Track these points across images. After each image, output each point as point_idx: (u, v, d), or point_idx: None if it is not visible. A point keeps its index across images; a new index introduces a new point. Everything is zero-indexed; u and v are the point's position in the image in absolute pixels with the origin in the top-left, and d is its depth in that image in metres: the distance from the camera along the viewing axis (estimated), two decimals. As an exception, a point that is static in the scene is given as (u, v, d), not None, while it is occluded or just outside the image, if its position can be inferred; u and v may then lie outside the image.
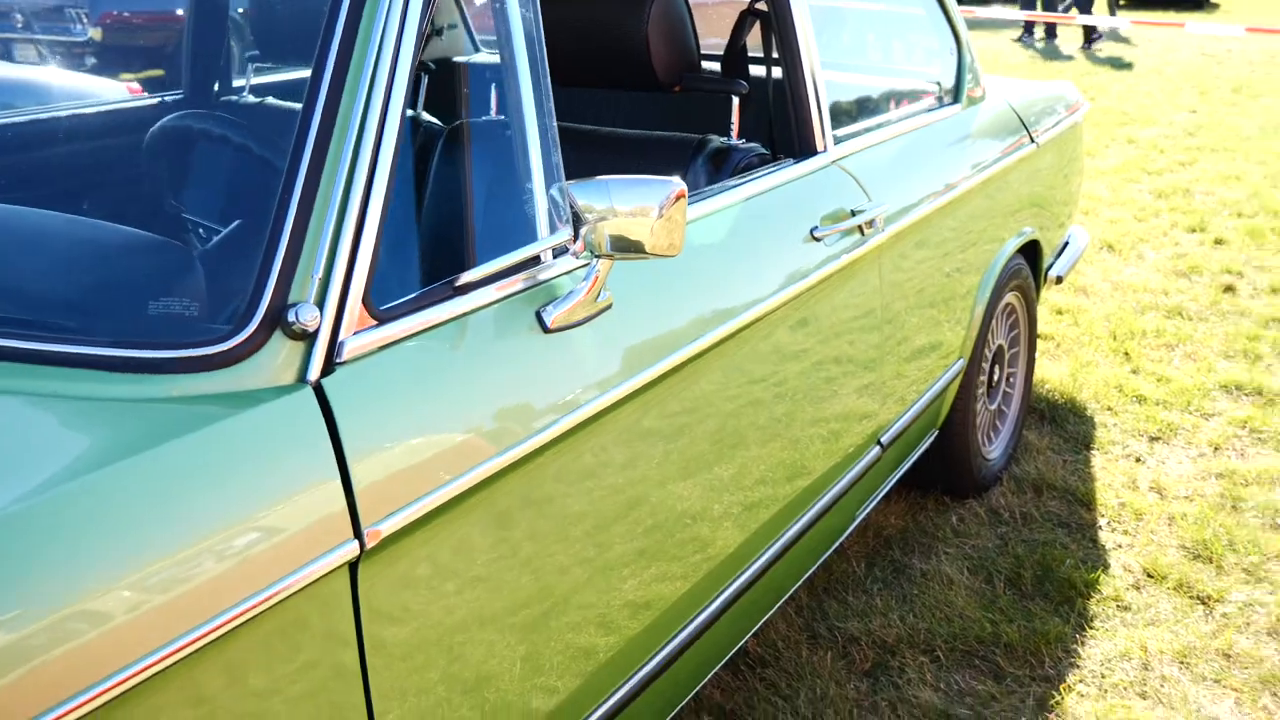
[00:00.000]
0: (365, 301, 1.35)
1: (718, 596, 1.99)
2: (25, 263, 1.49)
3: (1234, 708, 2.50)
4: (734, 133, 2.48)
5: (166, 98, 2.23)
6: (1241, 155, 8.10)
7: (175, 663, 1.09)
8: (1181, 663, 2.65)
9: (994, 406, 3.45)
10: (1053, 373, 4.21)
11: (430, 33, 1.57)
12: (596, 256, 1.57)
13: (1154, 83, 11.21)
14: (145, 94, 2.25)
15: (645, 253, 1.53)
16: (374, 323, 1.37)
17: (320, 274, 1.30)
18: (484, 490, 1.42)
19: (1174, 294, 5.16)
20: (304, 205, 1.30)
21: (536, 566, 1.53)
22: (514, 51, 1.58)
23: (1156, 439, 3.76)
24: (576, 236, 1.52)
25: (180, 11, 2.33)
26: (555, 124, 1.60)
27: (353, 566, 1.27)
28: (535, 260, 1.60)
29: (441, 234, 1.58)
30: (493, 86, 1.91)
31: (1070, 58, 12.81)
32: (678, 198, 1.53)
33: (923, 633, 2.73)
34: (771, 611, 2.31)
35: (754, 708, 2.47)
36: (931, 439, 3.10)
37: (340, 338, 1.32)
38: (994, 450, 3.45)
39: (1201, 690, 2.55)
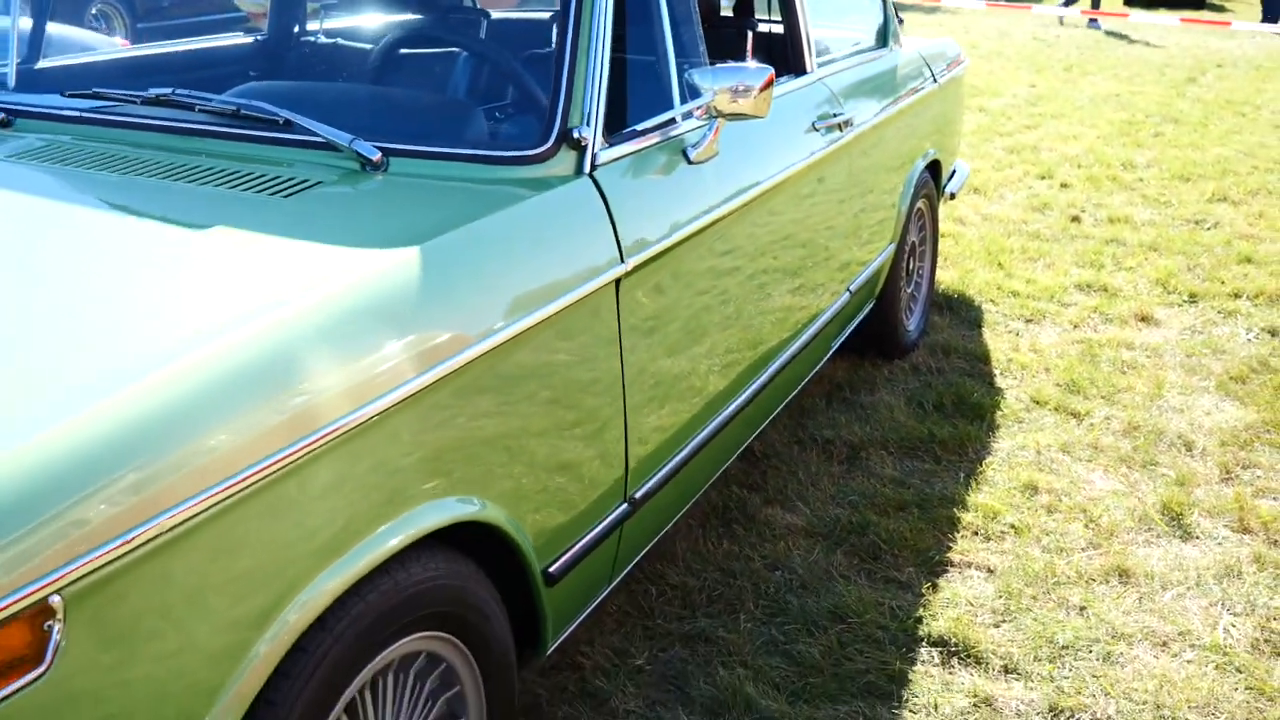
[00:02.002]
0: (604, 131, 2.20)
1: (763, 373, 2.89)
2: (429, 104, 2.32)
3: (1102, 474, 3.51)
4: (748, 57, 3.37)
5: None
6: (1077, 120, 9.33)
7: (528, 329, 1.88)
8: (1063, 450, 3.65)
9: (910, 290, 4.43)
10: (945, 277, 5.23)
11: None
12: (713, 118, 2.45)
13: (995, 63, 12.48)
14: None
15: (748, 116, 2.41)
16: (606, 144, 2.22)
17: (586, 111, 2.15)
18: (673, 249, 2.29)
19: (1032, 223, 6.26)
20: (572, 70, 2.14)
21: (697, 306, 2.41)
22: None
23: (1030, 320, 4.80)
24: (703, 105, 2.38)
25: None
26: (696, 30, 2.47)
27: (618, 282, 2.13)
28: (672, 123, 2.46)
29: (633, 96, 2.42)
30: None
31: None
32: (770, 81, 2.41)
33: (878, 437, 3.69)
34: (782, 405, 3.22)
35: (767, 480, 3.38)
36: (870, 308, 4.05)
37: (595, 150, 2.17)
38: (912, 323, 4.43)
39: (1078, 465, 3.56)
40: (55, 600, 1.16)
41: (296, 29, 3.24)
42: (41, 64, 2.87)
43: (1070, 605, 2.82)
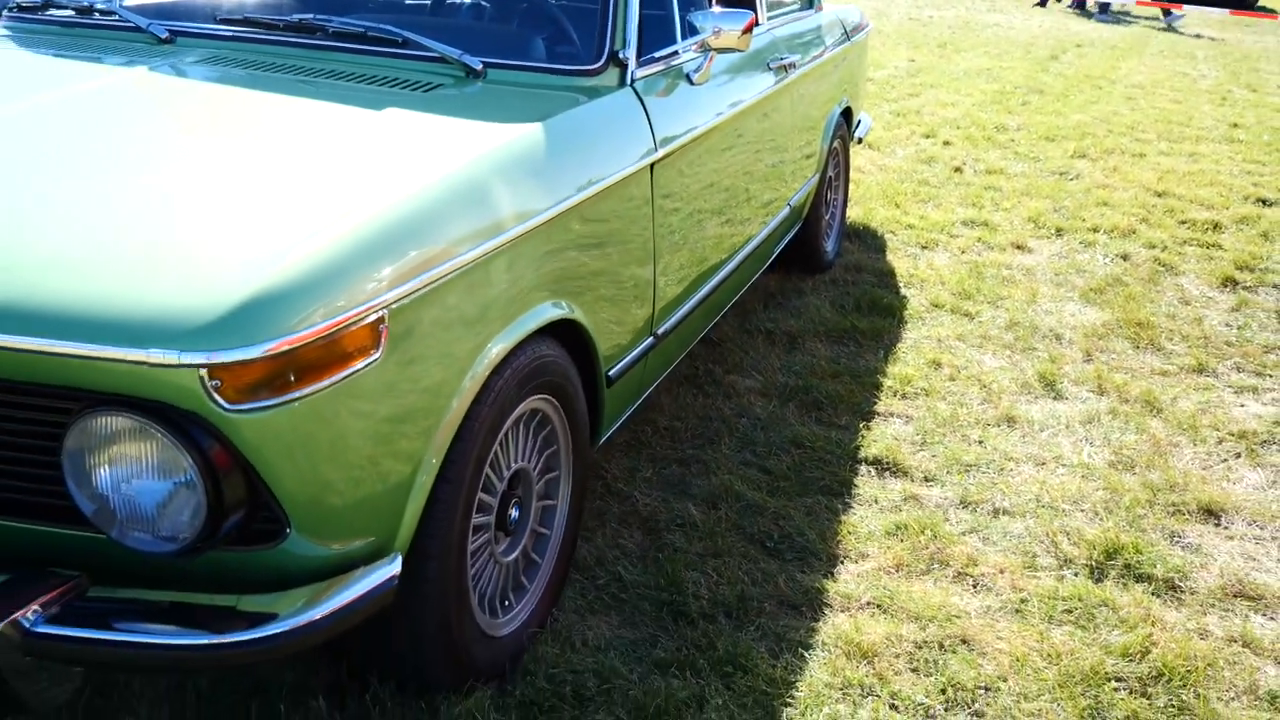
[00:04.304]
0: (636, 56, 2.92)
1: (740, 251, 3.64)
2: (509, 27, 3.00)
3: (990, 356, 4.35)
4: (710, 4, 4.11)
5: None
6: (953, 90, 10.29)
7: (595, 193, 2.58)
8: (959, 339, 4.49)
9: (827, 217, 5.23)
10: (851, 214, 6.05)
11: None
12: (708, 51, 3.19)
13: (876, 39, 13.41)
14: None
15: (734, 50, 3.16)
16: (637, 65, 2.94)
17: (626, 38, 2.86)
18: (686, 145, 3.02)
19: (921, 172, 7.13)
20: (618, 6, 2.85)
21: (706, 182, 3.15)
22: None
23: (925, 247, 5.65)
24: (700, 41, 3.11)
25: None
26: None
27: (652, 166, 2.85)
28: (676, 53, 3.19)
29: (648, 32, 3.13)
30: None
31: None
32: (751, 24, 3.15)
33: (810, 329, 4.48)
34: (748, 284, 3.99)
35: (726, 357, 4.14)
36: (797, 228, 4.84)
37: (632, 68, 2.89)
38: (829, 245, 5.24)
39: (971, 349, 4.40)
40: (384, 313, 1.86)
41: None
42: None
43: (971, 440, 3.64)
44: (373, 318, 1.83)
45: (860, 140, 5.65)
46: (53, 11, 3.08)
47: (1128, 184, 7.04)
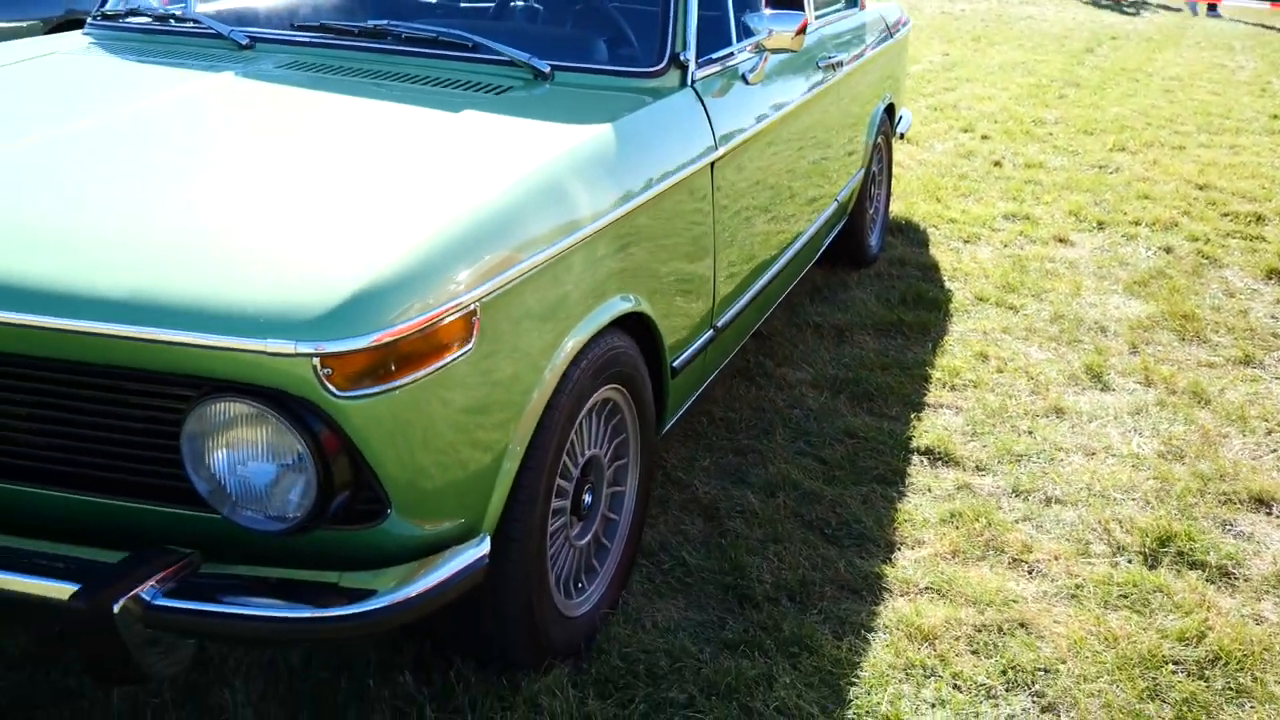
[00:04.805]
0: (696, 58, 3.01)
1: (791, 246, 3.73)
2: (575, 31, 3.10)
3: (1037, 348, 4.41)
4: (763, 6, 4.19)
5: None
6: (989, 84, 10.33)
7: (661, 191, 2.67)
8: (1004, 332, 4.55)
9: (871, 211, 5.30)
10: (892, 209, 6.12)
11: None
12: (762, 51, 3.27)
13: (910, 33, 13.44)
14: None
15: (787, 50, 3.24)
16: (697, 66, 3.02)
17: (686, 40, 2.95)
18: (744, 143, 3.11)
19: (960, 167, 7.19)
20: (679, 10, 2.94)
21: (760, 180, 3.24)
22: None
23: (967, 241, 5.71)
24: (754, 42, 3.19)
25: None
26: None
27: (712, 164, 2.94)
28: (731, 54, 3.27)
29: (705, 34, 3.21)
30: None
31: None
32: (804, 25, 3.23)
33: (857, 322, 4.56)
34: (797, 280, 4.07)
35: (776, 350, 4.23)
36: (843, 223, 4.91)
37: (693, 69, 2.98)
38: (873, 239, 5.31)
39: (1017, 342, 4.46)
40: (476, 306, 1.96)
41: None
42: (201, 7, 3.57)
43: (1021, 430, 3.72)
44: (466, 311, 1.93)
45: (902, 136, 5.72)
46: (134, 19, 3.19)
47: (1168, 177, 7.07)
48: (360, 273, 1.81)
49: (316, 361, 1.74)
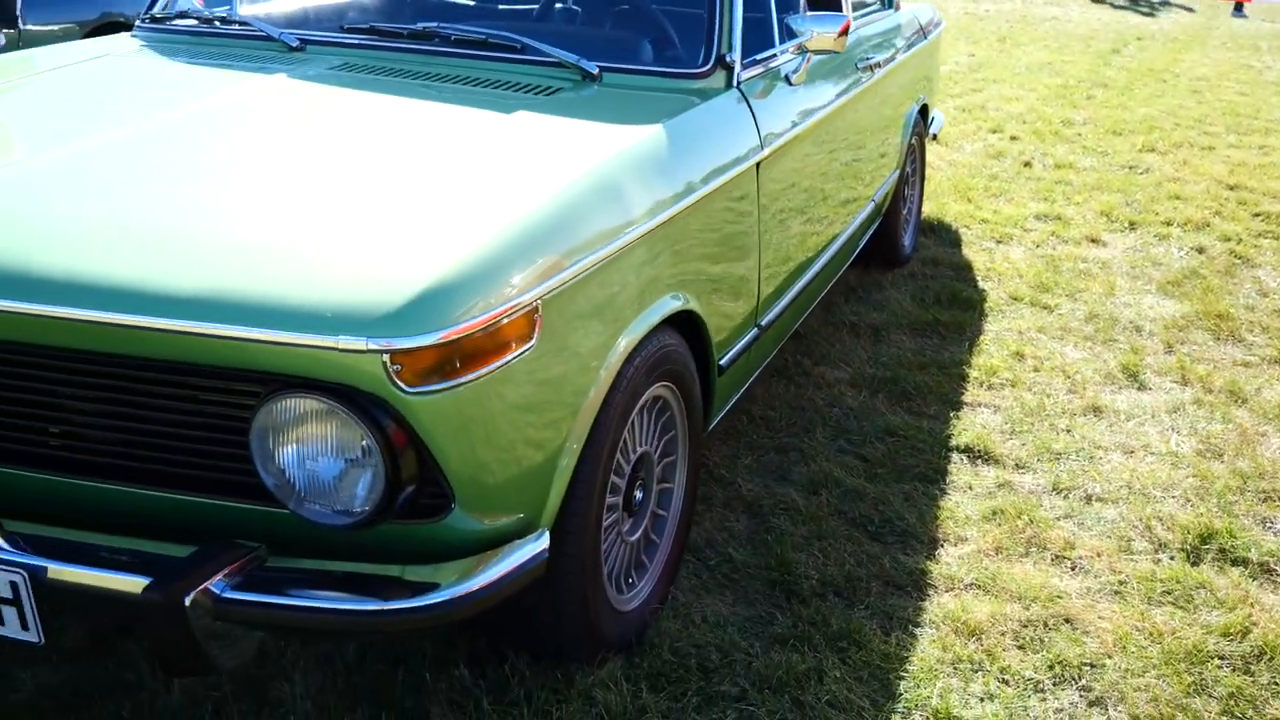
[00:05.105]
0: (741, 59, 3.03)
1: (832, 245, 3.75)
2: (621, 33, 3.13)
3: (1072, 347, 4.42)
4: (803, 7, 4.21)
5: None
6: (1016, 84, 10.32)
7: (710, 192, 2.69)
8: (1039, 331, 4.57)
9: (904, 212, 5.32)
10: (925, 209, 6.13)
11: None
12: (804, 52, 3.30)
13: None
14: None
15: (830, 51, 3.26)
16: (742, 67, 3.05)
17: (732, 42, 2.98)
18: (788, 144, 3.13)
19: (990, 167, 7.19)
20: (724, 12, 2.97)
21: (801, 180, 3.26)
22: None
23: (1000, 241, 5.72)
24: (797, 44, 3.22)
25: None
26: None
27: (758, 165, 2.97)
28: (774, 56, 3.30)
29: (749, 36, 3.24)
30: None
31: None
32: (847, 26, 3.25)
33: (893, 321, 4.57)
34: (835, 278, 4.10)
35: (813, 349, 4.25)
36: (878, 223, 4.93)
37: (738, 70, 3.01)
38: (906, 239, 5.33)
39: (1053, 341, 4.47)
40: (538, 304, 1.99)
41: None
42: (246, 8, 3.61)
43: (1059, 428, 3.73)
44: (528, 309, 1.96)
45: (934, 137, 5.73)
46: (182, 21, 3.23)
47: (1198, 177, 7.06)
48: (429, 271, 1.84)
49: (387, 358, 1.77)
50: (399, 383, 1.79)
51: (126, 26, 6.95)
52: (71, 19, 6.83)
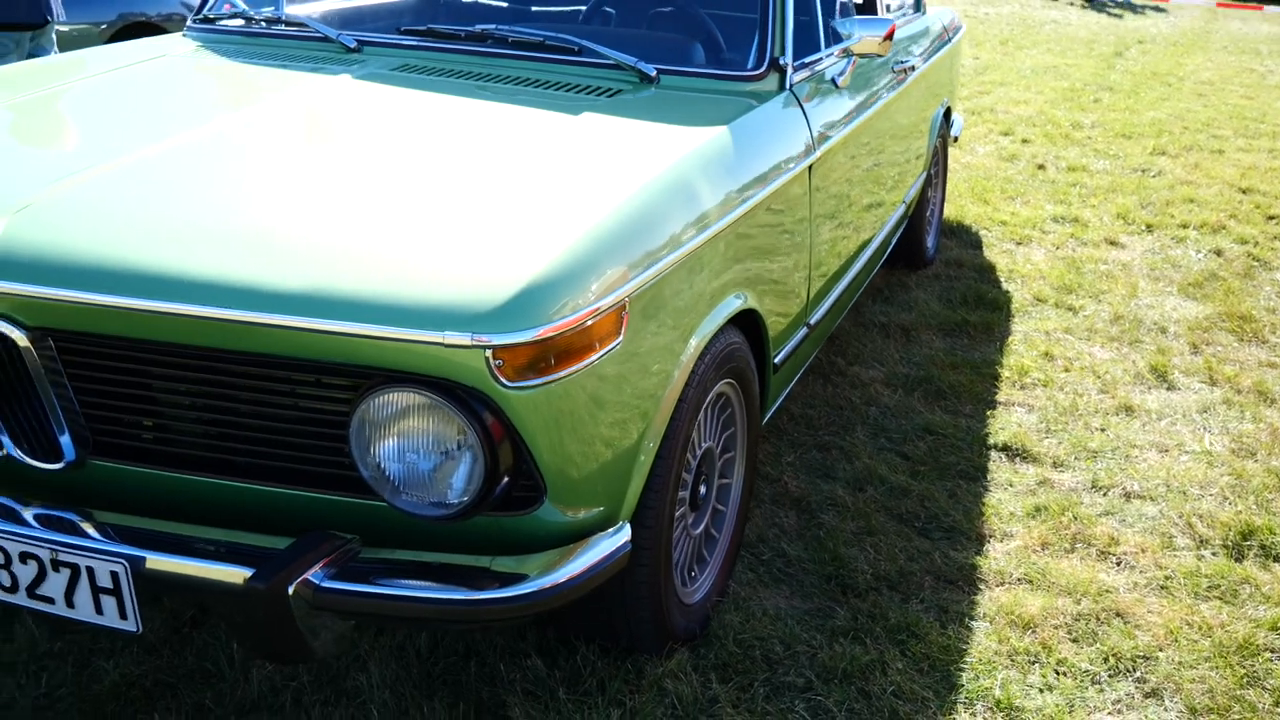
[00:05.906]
0: (791, 61, 3.08)
1: (871, 243, 3.80)
2: (677, 37, 3.18)
3: (1100, 348, 4.48)
4: (847, 11, 4.26)
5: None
6: (1023, 88, 10.38)
7: (769, 194, 2.75)
8: (1066, 332, 4.62)
9: (928, 214, 5.37)
10: (945, 211, 6.18)
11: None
12: (850, 57, 3.35)
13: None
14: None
15: (875, 55, 3.31)
16: (793, 70, 3.10)
17: (785, 45, 3.03)
18: (837, 145, 3.18)
19: (1005, 170, 7.25)
20: (778, 16, 3.02)
21: (845, 181, 3.31)
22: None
23: (1020, 243, 5.78)
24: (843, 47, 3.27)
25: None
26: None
27: (810, 167, 3.02)
28: (820, 59, 3.35)
29: (798, 39, 3.29)
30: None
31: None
32: (892, 30, 3.31)
33: (922, 322, 4.63)
34: (871, 275, 4.15)
35: (847, 350, 4.30)
36: (905, 225, 4.98)
37: (790, 73, 3.06)
38: (930, 241, 5.38)
39: (1080, 342, 4.53)
40: (625, 301, 2.04)
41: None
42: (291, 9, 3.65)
43: (1094, 427, 3.78)
44: (617, 307, 2.00)
45: (955, 139, 5.79)
46: (233, 21, 3.27)
47: (1211, 180, 7.13)
48: (527, 271, 1.89)
49: (489, 353, 1.81)
50: (500, 378, 1.84)
51: (150, 28, 6.97)
52: (87, 20, 6.82)
